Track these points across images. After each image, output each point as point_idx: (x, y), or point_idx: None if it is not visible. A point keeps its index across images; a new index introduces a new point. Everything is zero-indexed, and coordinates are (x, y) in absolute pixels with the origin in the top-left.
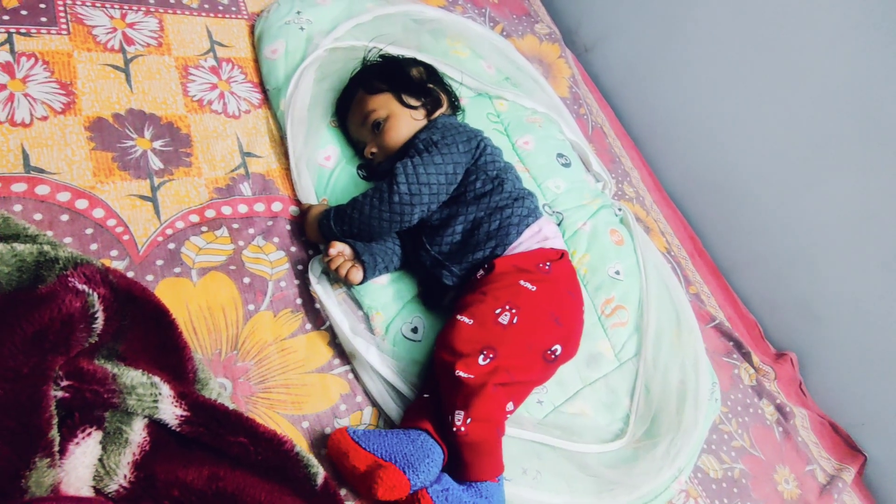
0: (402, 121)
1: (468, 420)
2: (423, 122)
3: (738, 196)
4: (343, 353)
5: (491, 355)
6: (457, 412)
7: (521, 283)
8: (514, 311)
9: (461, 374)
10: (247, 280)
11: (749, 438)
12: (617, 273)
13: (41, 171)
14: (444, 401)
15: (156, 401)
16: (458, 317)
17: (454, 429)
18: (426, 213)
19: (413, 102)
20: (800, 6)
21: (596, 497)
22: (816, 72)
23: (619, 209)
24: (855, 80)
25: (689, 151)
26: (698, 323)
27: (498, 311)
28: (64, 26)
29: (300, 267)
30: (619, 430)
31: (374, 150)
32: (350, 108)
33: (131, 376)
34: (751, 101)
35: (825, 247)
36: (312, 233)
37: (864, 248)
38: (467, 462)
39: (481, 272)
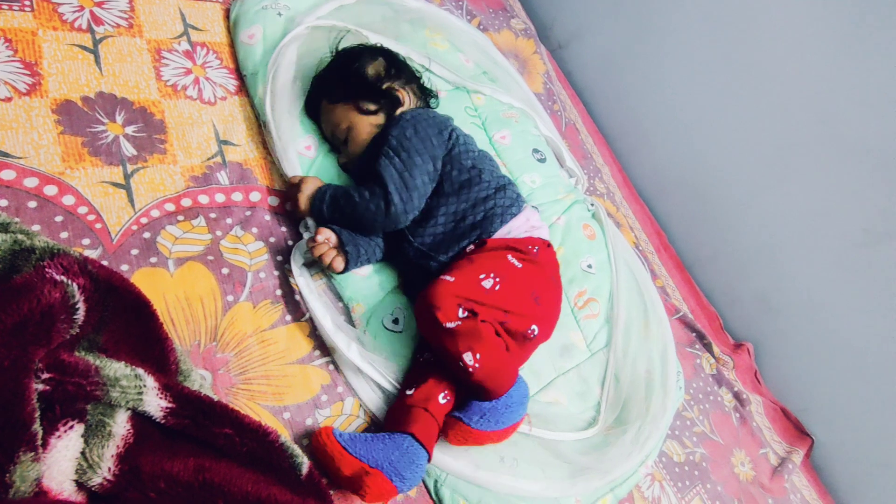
0: (364, 128)
1: (477, 355)
2: (384, 121)
3: (703, 194)
4: (324, 345)
5: (469, 310)
6: (464, 355)
7: (509, 257)
8: (497, 279)
9: (449, 325)
10: (225, 270)
11: (709, 424)
12: (589, 266)
13: (6, 155)
14: (443, 357)
15: (140, 393)
16: (442, 276)
17: (469, 370)
18: (417, 214)
19: (371, 107)
20: (769, 14)
21: (570, 482)
22: (781, 77)
23: (592, 204)
24: (815, 86)
25: (658, 150)
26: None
27: (482, 277)
28: (27, 2)
29: (279, 258)
30: (591, 417)
31: (344, 160)
32: (319, 114)
33: (115, 368)
34: (717, 103)
35: (783, 244)
36: (304, 206)
37: (818, 246)
38: (489, 389)
39: (472, 247)
